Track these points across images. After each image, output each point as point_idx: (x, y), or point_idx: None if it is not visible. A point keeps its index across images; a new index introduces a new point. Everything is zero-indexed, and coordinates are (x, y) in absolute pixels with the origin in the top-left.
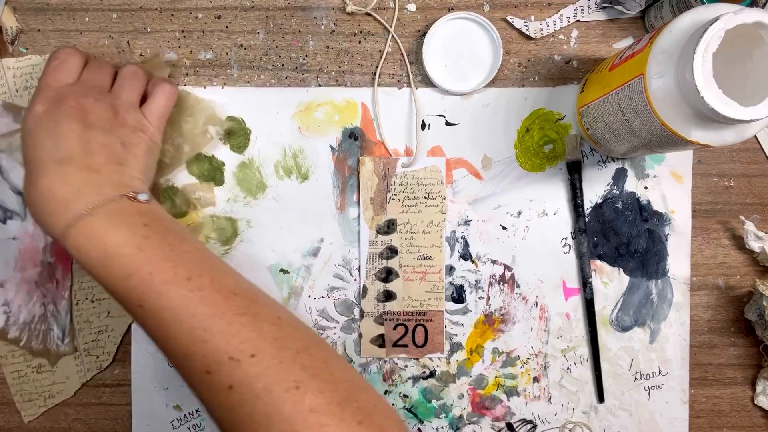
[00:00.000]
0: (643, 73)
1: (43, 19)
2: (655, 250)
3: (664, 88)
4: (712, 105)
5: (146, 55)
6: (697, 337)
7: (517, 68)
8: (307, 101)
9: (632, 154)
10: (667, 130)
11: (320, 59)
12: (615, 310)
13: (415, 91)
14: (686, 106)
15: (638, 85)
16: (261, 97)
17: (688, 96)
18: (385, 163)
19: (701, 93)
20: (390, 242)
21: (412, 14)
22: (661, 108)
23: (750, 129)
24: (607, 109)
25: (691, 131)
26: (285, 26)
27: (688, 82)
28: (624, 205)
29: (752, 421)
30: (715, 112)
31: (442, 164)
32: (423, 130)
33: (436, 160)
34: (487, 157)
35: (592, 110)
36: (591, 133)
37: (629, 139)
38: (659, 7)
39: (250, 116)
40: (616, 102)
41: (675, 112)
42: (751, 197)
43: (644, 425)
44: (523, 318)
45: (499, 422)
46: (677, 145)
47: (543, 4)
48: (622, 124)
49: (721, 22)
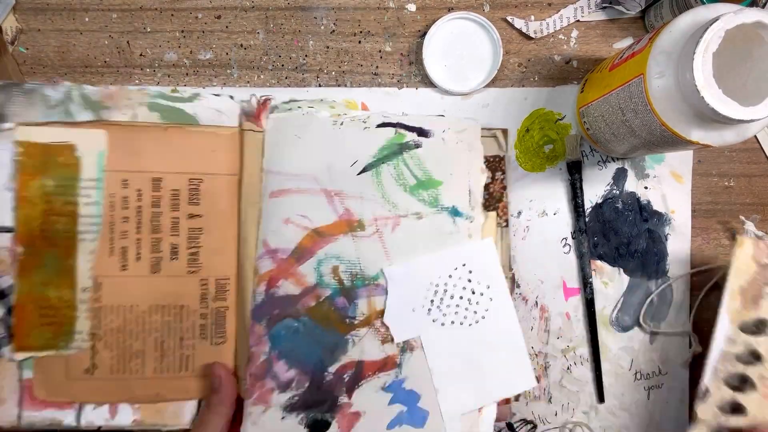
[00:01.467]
0: (643, 73)
1: (43, 19)
2: (655, 250)
3: (664, 88)
4: (712, 105)
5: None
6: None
7: (517, 68)
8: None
9: (632, 154)
10: (667, 130)
11: (320, 59)
12: (615, 310)
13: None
14: (686, 106)
15: (638, 85)
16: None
17: (688, 96)
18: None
19: (701, 93)
20: (755, 346)
21: (412, 14)
22: (661, 108)
23: (750, 129)
24: (607, 109)
25: (691, 131)
26: (285, 26)
27: (688, 82)
28: (624, 205)
29: None
30: (715, 112)
31: None
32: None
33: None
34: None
35: (592, 110)
36: (591, 133)
37: (629, 139)
38: (659, 7)
39: None
40: (616, 102)
41: (675, 112)
42: (751, 197)
43: (644, 425)
44: (523, 318)
45: (499, 422)
46: (677, 145)
47: (543, 4)
48: (622, 124)
49: (721, 22)
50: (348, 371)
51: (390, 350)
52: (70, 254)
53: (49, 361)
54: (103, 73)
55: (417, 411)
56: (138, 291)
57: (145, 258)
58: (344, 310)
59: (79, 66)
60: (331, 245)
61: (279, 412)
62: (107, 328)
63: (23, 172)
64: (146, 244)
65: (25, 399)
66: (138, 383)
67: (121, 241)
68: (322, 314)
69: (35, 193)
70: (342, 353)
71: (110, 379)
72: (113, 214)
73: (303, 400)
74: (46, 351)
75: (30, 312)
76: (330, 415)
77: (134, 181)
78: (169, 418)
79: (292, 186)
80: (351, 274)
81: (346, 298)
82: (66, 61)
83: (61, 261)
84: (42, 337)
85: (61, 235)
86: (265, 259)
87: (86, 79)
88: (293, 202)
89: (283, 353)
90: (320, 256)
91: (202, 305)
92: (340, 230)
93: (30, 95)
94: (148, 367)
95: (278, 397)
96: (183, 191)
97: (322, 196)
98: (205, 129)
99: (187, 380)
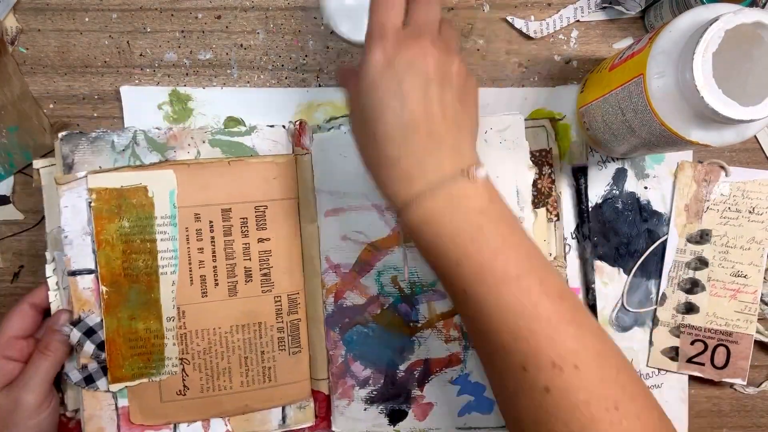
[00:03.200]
0: (642, 73)
1: (43, 19)
2: (655, 250)
3: (664, 88)
4: (712, 105)
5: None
6: None
7: (517, 68)
8: (307, 102)
9: (632, 154)
10: (667, 130)
11: (320, 59)
12: (615, 310)
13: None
14: (686, 106)
15: (638, 85)
16: (260, 98)
17: (687, 96)
18: (707, 170)
19: (701, 93)
20: (701, 253)
21: None
22: (660, 108)
23: (750, 129)
24: (607, 109)
25: (691, 131)
26: (285, 26)
27: (688, 82)
28: (624, 205)
29: (752, 421)
30: (715, 112)
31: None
32: None
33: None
34: None
35: (592, 110)
36: (591, 133)
37: (629, 139)
38: (659, 7)
39: (249, 117)
40: (616, 102)
41: (675, 112)
42: None
43: None
44: None
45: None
46: (677, 145)
47: (543, 4)
48: (622, 124)
49: (721, 22)
50: (417, 368)
51: (453, 348)
52: (153, 288)
53: (142, 388)
54: (103, 73)
55: (484, 400)
56: (219, 314)
57: (222, 283)
58: (407, 315)
59: (79, 66)
60: (388, 257)
61: (361, 404)
62: (194, 352)
63: (99, 217)
64: (222, 271)
65: (122, 426)
66: (227, 398)
67: (199, 270)
68: (387, 320)
69: (113, 235)
70: (410, 353)
71: (201, 397)
72: (189, 246)
73: (380, 393)
74: (139, 379)
75: (120, 345)
76: (406, 405)
77: (205, 213)
78: (257, 426)
79: (344, 204)
80: (410, 282)
81: (408, 304)
82: (66, 61)
83: (145, 295)
84: (134, 367)
85: (143, 271)
86: (330, 274)
87: (86, 79)
88: (348, 219)
89: (358, 355)
90: (379, 267)
91: (278, 320)
92: (395, 243)
93: (96, 143)
94: (234, 382)
95: (359, 392)
96: (251, 218)
97: (373, 212)
98: (264, 159)
99: (271, 390)
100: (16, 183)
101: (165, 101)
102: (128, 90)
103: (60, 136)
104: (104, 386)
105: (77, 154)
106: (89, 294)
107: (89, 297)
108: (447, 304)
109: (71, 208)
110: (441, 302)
